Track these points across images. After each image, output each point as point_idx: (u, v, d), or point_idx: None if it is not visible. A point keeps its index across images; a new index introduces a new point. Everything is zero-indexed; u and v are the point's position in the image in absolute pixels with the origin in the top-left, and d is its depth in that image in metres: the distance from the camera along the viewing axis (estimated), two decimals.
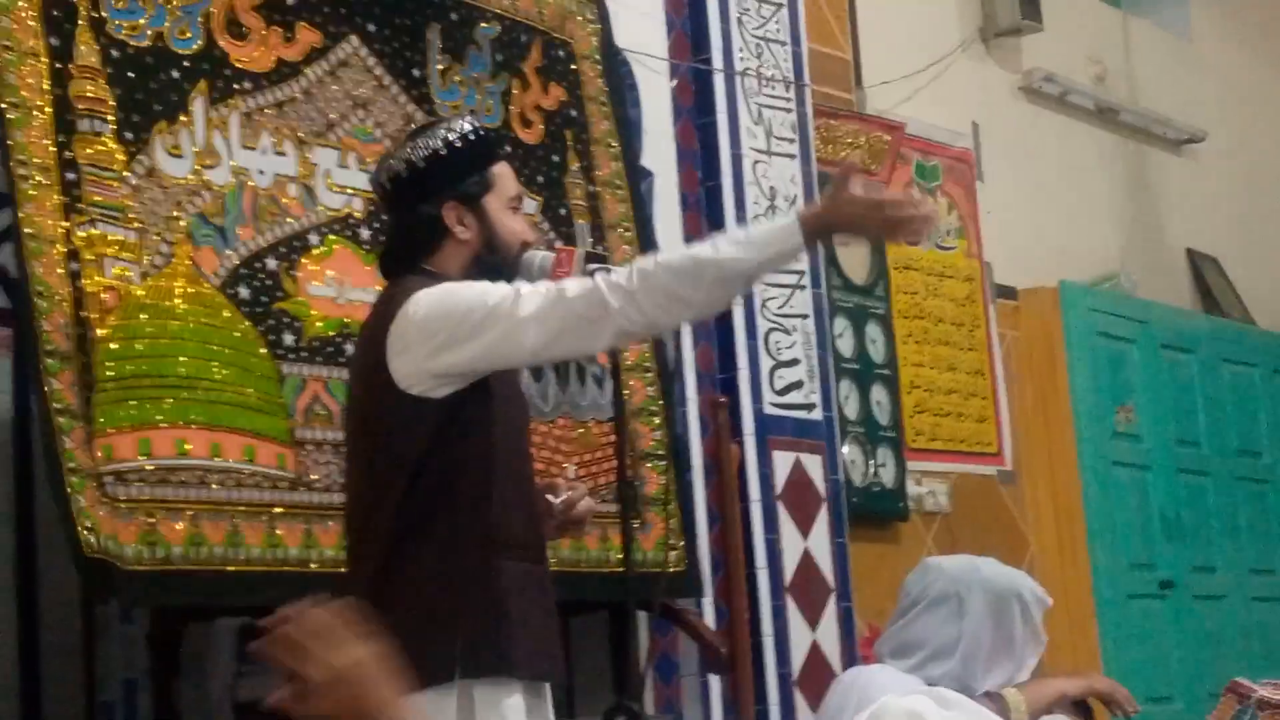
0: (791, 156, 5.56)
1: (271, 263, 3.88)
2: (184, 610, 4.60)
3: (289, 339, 3.86)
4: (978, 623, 3.34)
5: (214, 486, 3.56)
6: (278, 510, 3.71)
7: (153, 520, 3.42)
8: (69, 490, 3.28)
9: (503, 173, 3.20)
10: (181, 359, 3.58)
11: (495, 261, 3.16)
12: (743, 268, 2.86)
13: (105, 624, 5.10)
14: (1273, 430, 8.26)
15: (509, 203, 3.19)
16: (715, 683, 5.00)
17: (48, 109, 3.48)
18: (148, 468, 3.45)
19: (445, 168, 3.15)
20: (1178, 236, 8.40)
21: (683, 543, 4.70)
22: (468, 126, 3.20)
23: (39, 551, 4.90)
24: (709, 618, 4.96)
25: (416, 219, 3.15)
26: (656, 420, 4.71)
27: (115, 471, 3.39)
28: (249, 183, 3.88)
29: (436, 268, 3.12)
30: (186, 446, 3.53)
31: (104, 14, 3.65)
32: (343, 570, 3.19)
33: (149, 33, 3.74)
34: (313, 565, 3.78)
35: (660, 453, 4.68)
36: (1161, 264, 8.20)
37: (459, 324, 2.89)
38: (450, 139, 3.16)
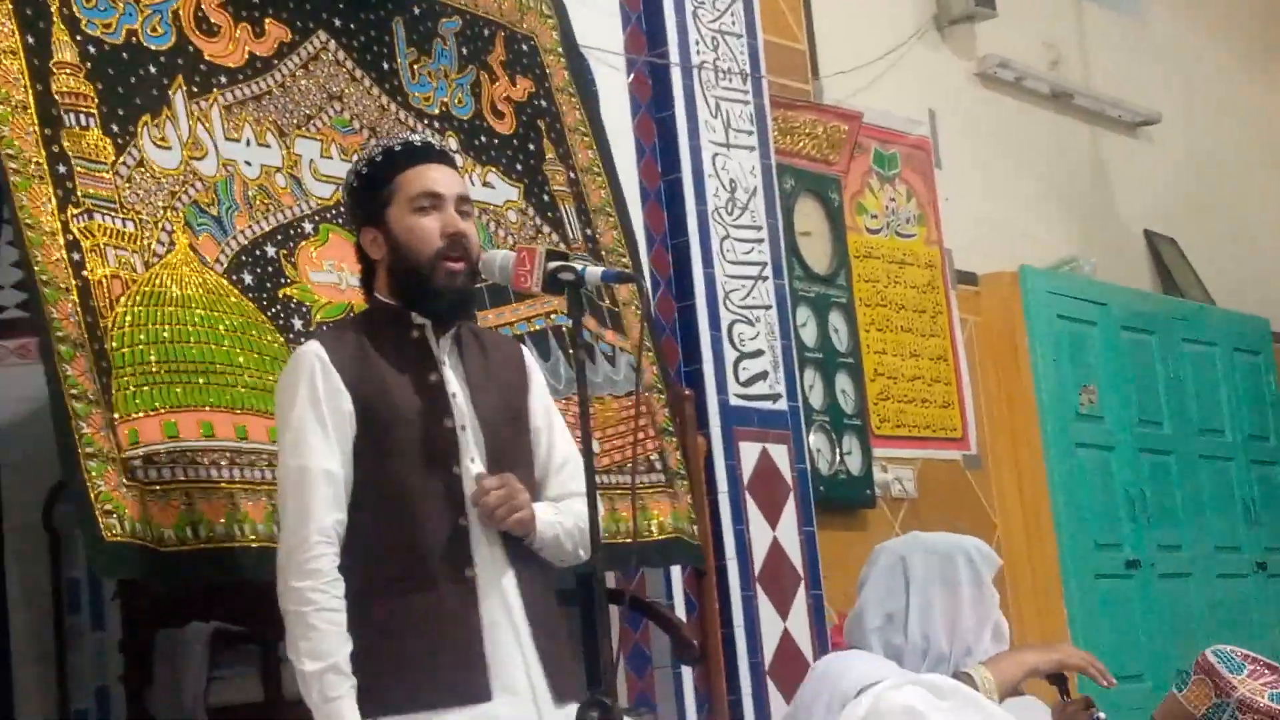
0: (750, 149, 5.58)
1: (270, 250, 3.89)
2: (156, 616, 4.61)
3: (297, 323, 3.86)
4: (924, 585, 3.35)
5: (245, 466, 3.55)
6: None
7: (190, 500, 3.41)
8: (87, 475, 3.26)
9: (409, 177, 3.20)
10: (196, 344, 3.58)
11: (406, 268, 3.19)
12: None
13: (77, 632, 5.10)
14: (1234, 408, 8.33)
15: (414, 203, 3.19)
16: (688, 674, 5.02)
17: (31, 105, 3.48)
18: (177, 449, 3.43)
19: (356, 200, 3.29)
20: (1135, 218, 8.45)
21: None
22: (371, 152, 3.29)
23: (7, 560, 4.90)
24: (679, 609, 4.98)
25: (357, 254, 3.30)
26: (663, 398, 4.76)
27: (145, 455, 3.37)
28: (238, 173, 3.89)
29: (380, 294, 3.26)
30: (212, 428, 3.52)
31: (76, 12, 3.66)
32: None
33: (122, 30, 3.74)
34: None
35: (670, 429, 4.73)
36: (1120, 246, 8.25)
37: None
38: (356, 169, 3.29)
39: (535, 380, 3.36)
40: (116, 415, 3.37)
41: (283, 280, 3.89)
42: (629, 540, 4.26)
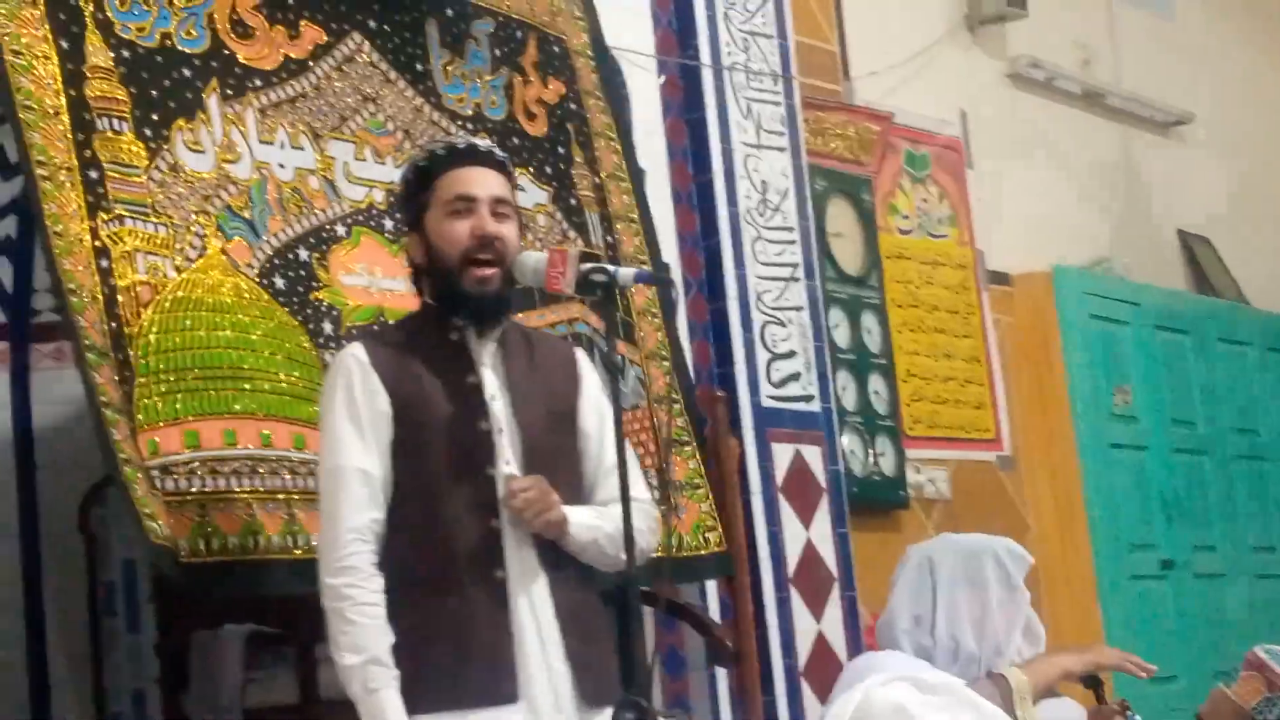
0: (782, 150, 5.57)
1: (303, 253, 3.89)
2: (192, 619, 4.62)
3: (328, 327, 3.86)
4: (951, 585, 3.33)
5: (266, 476, 3.55)
6: None
7: (204, 513, 3.41)
8: (125, 479, 3.28)
9: (445, 180, 3.22)
10: (223, 350, 3.58)
11: (440, 271, 3.21)
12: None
13: (113, 635, 5.12)
14: (1269, 408, 8.28)
15: (448, 206, 3.20)
16: (722, 676, 5.01)
17: (64, 110, 3.48)
18: (196, 460, 3.43)
19: (403, 204, 3.34)
20: (1168, 218, 8.41)
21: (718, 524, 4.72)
22: (416, 156, 3.33)
23: (44, 564, 4.92)
24: (714, 611, 4.98)
25: (406, 256, 3.33)
26: (677, 407, 4.74)
27: (162, 466, 3.38)
28: (271, 176, 3.88)
29: (426, 297, 3.28)
30: (235, 436, 3.52)
31: (110, 16, 3.66)
32: None
33: (156, 33, 3.74)
34: None
35: (685, 439, 4.71)
36: (1153, 245, 8.22)
37: None
38: (403, 174, 3.32)
39: (587, 381, 3.32)
40: (137, 426, 3.37)
41: (314, 284, 3.89)
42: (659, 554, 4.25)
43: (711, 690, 5.01)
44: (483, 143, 3.33)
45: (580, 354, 3.39)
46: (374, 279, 4.02)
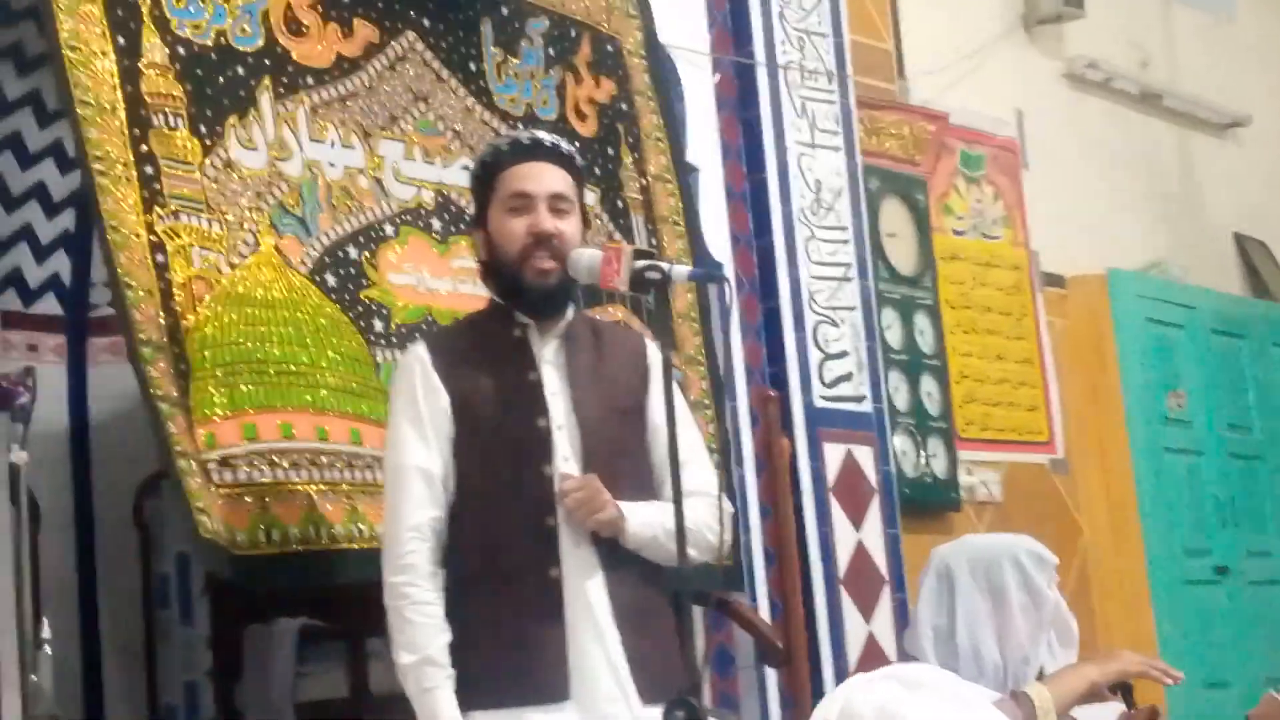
0: (836, 149, 5.56)
1: (353, 252, 3.90)
2: (244, 612, 4.65)
3: (378, 325, 3.88)
4: (970, 594, 3.24)
5: (325, 468, 3.56)
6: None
7: (264, 504, 3.43)
8: (180, 472, 3.30)
9: (505, 177, 3.23)
10: (278, 345, 3.59)
11: (500, 268, 3.22)
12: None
13: (166, 627, 5.15)
14: None
15: (506, 203, 3.21)
16: (772, 676, 5.00)
17: (120, 106, 3.50)
18: (255, 452, 3.45)
19: (473, 202, 3.35)
20: (1224, 221, 8.35)
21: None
22: (482, 153, 3.34)
23: (99, 557, 4.96)
24: (763, 611, 4.97)
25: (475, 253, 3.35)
26: (709, 414, 4.72)
27: (221, 458, 3.40)
28: (322, 174, 3.90)
29: (493, 294, 3.29)
30: (292, 429, 3.54)
31: (166, 13, 3.68)
32: None
33: (212, 31, 3.76)
34: None
35: (714, 447, 4.69)
36: (1209, 249, 8.16)
37: None
38: (472, 172, 3.33)
39: (657, 374, 3.26)
40: (194, 418, 3.39)
41: (364, 282, 3.90)
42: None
43: (761, 690, 5.00)
44: (548, 137, 3.32)
45: (651, 346, 3.36)
46: (422, 278, 4.04)
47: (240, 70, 3.79)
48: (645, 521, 3.15)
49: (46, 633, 3.08)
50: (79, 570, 4.90)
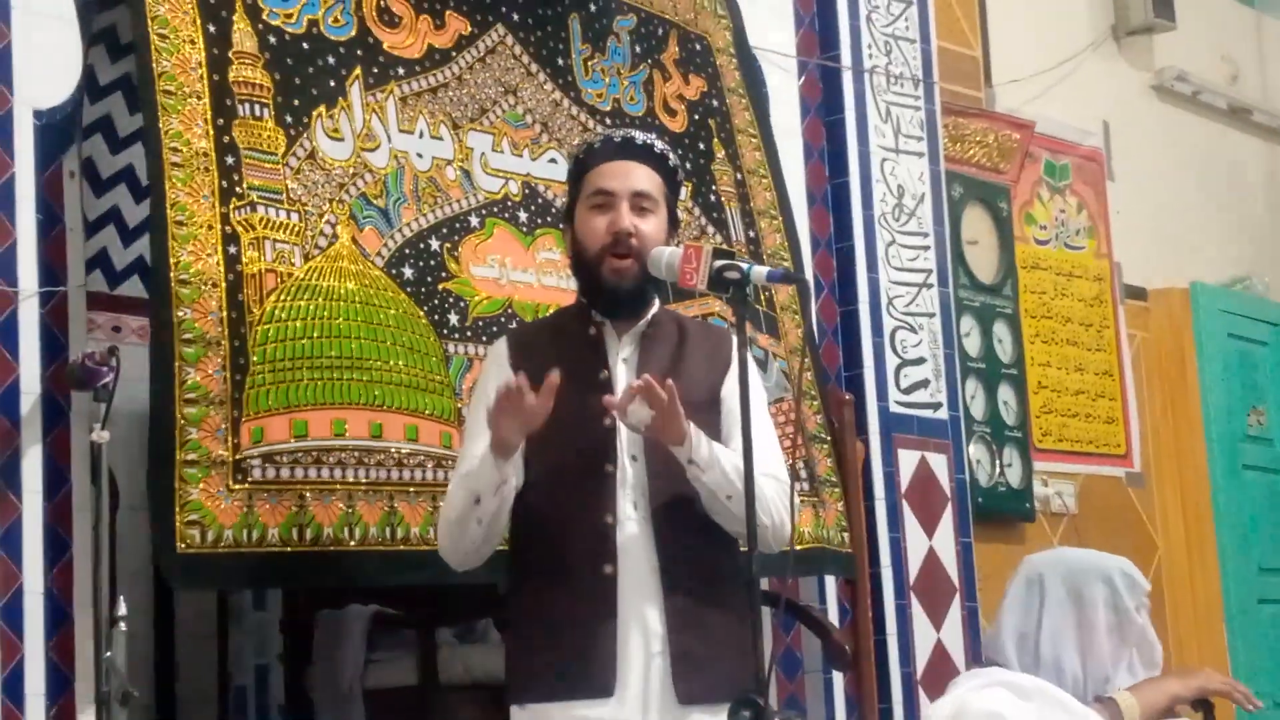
0: (920, 155, 5.54)
1: (434, 243, 3.91)
2: (316, 598, 4.69)
3: (453, 319, 3.88)
4: (1058, 606, 3.23)
5: (371, 467, 3.57)
6: (442, 489, 3.70)
7: (303, 502, 3.44)
8: (180, 482, 3.28)
9: (592, 174, 3.24)
10: (342, 339, 3.60)
11: (580, 265, 3.24)
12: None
13: (239, 611, 5.20)
14: None
15: (590, 200, 3.22)
16: (838, 680, 4.99)
17: (205, 94, 3.52)
18: (301, 449, 3.46)
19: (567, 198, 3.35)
20: None
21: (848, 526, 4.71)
22: (576, 149, 3.36)
23: None
24: (832, 615, 4.96)
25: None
26: (816, 404, 4.73)
27: (264, 454, 3.41)
28: (408, 165, 3.91)
29: (579, 290, 3.30)
30: (345, 426, 3.55)
31: (259, 2, 3.71)
32: None
33: (304, 19, 3.79)
34: None
35: (824, 435, 4.70)
36: None
37: None
38: (568, 170, 3.34)
39: (735, 365, 3.22)
40: (245, 413, 3.39)
41: (443, 274, 3.91)
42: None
43: (827, 694, 4.99)
44: (642, 136, 3.31)
45: (735, 338, 3.31)
46: (505, 271, 4.05)
47: (331, 60, 3.82)
48: (708, 443, 3.09)
49: (122, 610, 3.11)
50: (154, 554, 4.94)
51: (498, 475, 3.05)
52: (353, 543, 3.49)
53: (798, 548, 4.37)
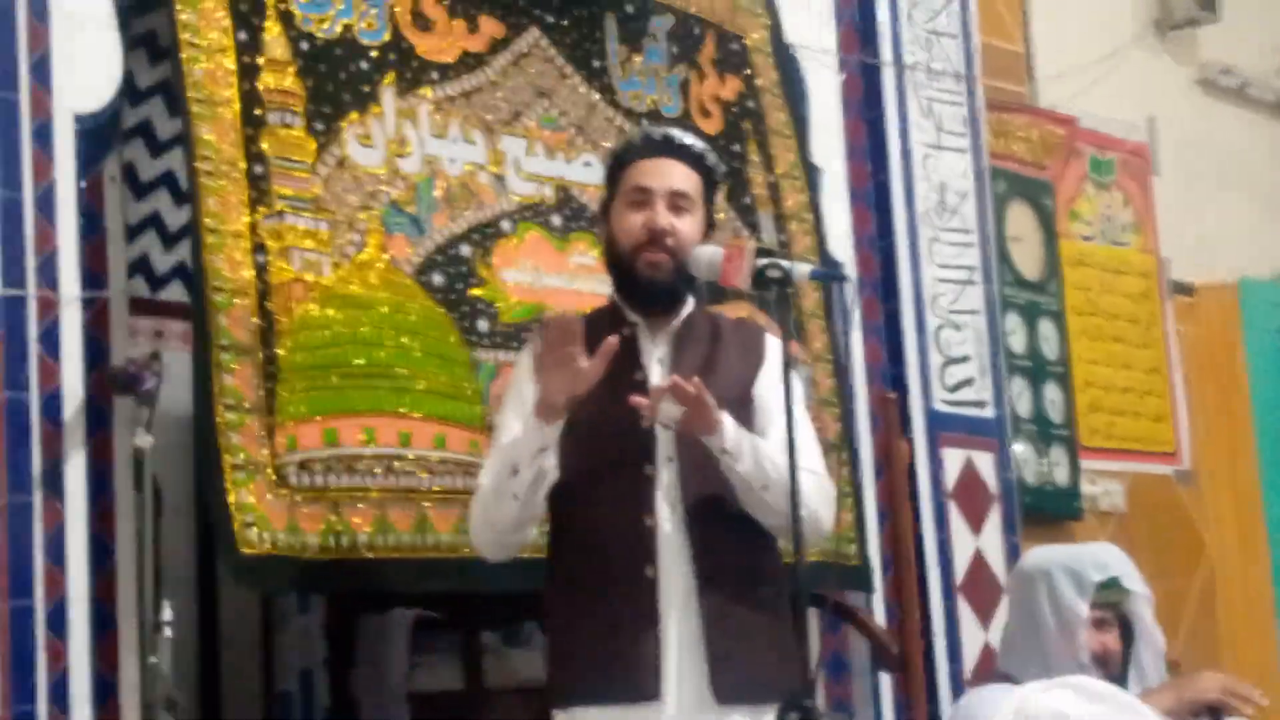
0: (962, 151, 5.50)
1: (465, 249, 3.90)
2: (360, 602, 4.68)
3: (482, 325, 3.88)
4: (1014, 610, 3.24)
5: (402, 474, 3.56)
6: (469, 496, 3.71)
7: (337, 509, 3.44)
8: (232, 486, 3.30)
9: (629, 172, 3.22)
10: (370, 347, 3.60)
11: (614, 262, 3.23)
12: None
13: (283, 616, 5.20)
14: None
15: (627, 198, 3.20)
16: (886, 682, 4.96)
17: (235, 103, 3.52)
18: (333, 456, 3.46)
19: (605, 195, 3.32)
20: None
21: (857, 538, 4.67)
22: (615, 146, 3.35)
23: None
24: (879, 616, 4.93)
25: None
26: (837, 412, 4.70)
27: (300, 462, 3.41)
28: (440, 171, 3.90)
29: (613, 290, 3.28)
30: (374, 435, 3.54)
31: (292, 8, 3.70)
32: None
33: (338, 25, 3.78)
34: None
35: (838, 443, 4.67)
36: None
37: None
38: (605, 166, 3.32)
39: (770, 360, 3.23)
40: (278, 420, 3.39)
41: (473, 280, 3.90)
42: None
43: (875, 696, 4.95)
44: (681, 135, 3.29)
45: (770, 338, 3.30)
46: (538, 275, 4.04)
47: (364, 65, 3.81)
48: (741, 432, 3.08)
49: (167, 615, 3.11)
50: (199, 555, 4.95)
51: (539, 439, 3.03)
52: (386, 549, 3.50)
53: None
